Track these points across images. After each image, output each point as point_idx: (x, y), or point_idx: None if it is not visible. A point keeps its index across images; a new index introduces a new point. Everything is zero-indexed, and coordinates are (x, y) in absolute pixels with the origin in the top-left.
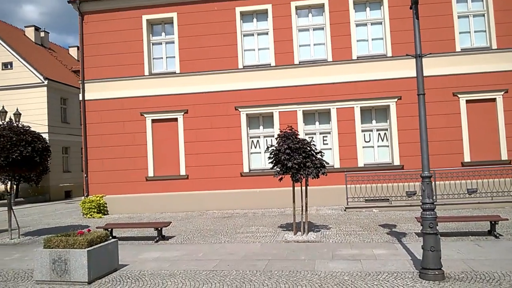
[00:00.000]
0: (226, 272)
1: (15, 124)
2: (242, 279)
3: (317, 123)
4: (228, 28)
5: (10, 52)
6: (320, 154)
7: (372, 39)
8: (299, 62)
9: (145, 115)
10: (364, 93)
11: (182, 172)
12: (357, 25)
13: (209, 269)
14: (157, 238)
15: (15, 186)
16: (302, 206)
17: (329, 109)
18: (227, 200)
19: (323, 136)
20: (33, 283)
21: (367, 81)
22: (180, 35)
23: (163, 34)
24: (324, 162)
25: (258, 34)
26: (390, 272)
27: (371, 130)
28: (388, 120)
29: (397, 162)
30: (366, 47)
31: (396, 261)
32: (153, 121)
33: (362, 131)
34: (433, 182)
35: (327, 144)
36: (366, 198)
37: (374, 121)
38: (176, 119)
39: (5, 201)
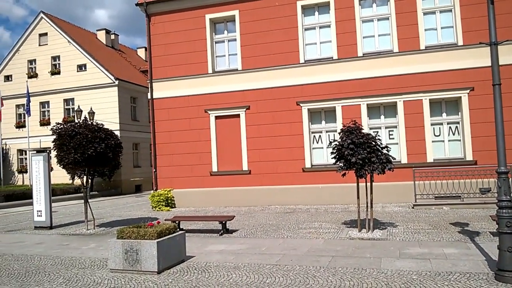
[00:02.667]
0: (289, 266)
1: (89, 122)
2: (305, 274)
3: (382, 117)
4: (290, 22)
5: (84, 55)
6: (386, 149)
7: (442, 28)
8: (363, 54)
9: (209, 112)
10: (433, 84)
11: (245, 167)
12: (424, 14)
13: (272, 263)
14: (222, 231)
15: (90, 180)
16: (367, 203)
17: (395, 102)
18: (289, 195)
19: (389, 131)
20: (108, 271)
21: (436, 71)
22: (242, 32)
23: (225, 32)
24: (390, 157)
25: (320, 27)
26: (462, 272)
27: (441, 124)
28: (459, 113)
29: (469, 157)
30: (435, 36)
31: (468, 261)
32: (217, 117)
33: (432, 124)
34: (510, 178)
35: (393, 138)
36: (436, 195)
37: (444, 114)
38: (238, 115)
39: (82, 194)
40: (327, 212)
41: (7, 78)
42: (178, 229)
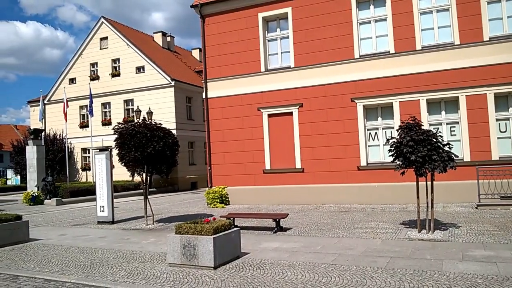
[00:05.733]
0: (345, 266)
1: (148, 122)
2: (362, 275)
3: (443, 112)
4: (344, 17)
5: (142, 57)
6: (447, 146)
7: (508, 17)
8: (422, 47)
9: (262, 110)
10: (498, 77)
11: (298, 165)
12: (488, 3)
13: (327, 263)
14: (276, 229)
15: (148, 178)
16: (427, 203)
17: (457, 96)
18: (344, 194)
19: (451, 127)
20: (166, 265)
21: (502, 64)
22: (294, 30)
23: (278, 30)
24: (453, 155)
25: (376, 21)
26: None
27: (508, 119)
28: None
29: None
30: (500, 27)
31: None
32: (269, 115)
33: (497, 120)
34: None
35: (455, 135)
36: (502, 195)
37: (511, 109)
38: (291, 113)
39: (141, 190)
40: (384, 211)
41: (72, 81)
42: (233, 226)
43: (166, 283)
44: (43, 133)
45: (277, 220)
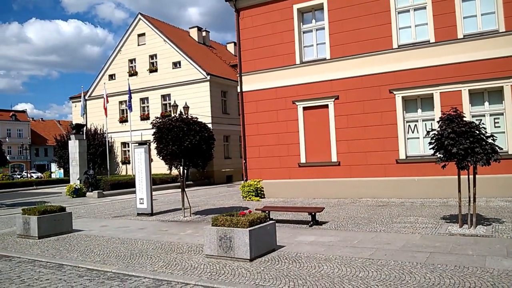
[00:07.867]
0: (383, 261)
1: (185, 116)
2: (401, 270)
3: (486, 103)
4: (381, 6)
5: (179, 53)
6: (491, 138)
7: None
8: (464, 35)
9: (297, 103)
10: None
11: (334, 158)
12: None
13: (365, 257)
14: (311, 223)
15: (185, 171)
16: (469, 197)
17: (502, 87)
18: (382, 188)
19: (494, 118)
20: (203, 257)
21: None
22: (330, 20)
23: (313, 21)
24: (496, 147)
25: (415, 10)
26: None
27: None
28: None
29: None
30: None
31: None
32: (305, 108)
33: None
34: None
35: (499, 127)
36: None
37: None
38: (327, 106)
39: (178, 183)
40: (424, 206)
41: (111, 77)
42: (268, 219)
43: (203, 274)
44: (84, 128)
45: (313, 213)
